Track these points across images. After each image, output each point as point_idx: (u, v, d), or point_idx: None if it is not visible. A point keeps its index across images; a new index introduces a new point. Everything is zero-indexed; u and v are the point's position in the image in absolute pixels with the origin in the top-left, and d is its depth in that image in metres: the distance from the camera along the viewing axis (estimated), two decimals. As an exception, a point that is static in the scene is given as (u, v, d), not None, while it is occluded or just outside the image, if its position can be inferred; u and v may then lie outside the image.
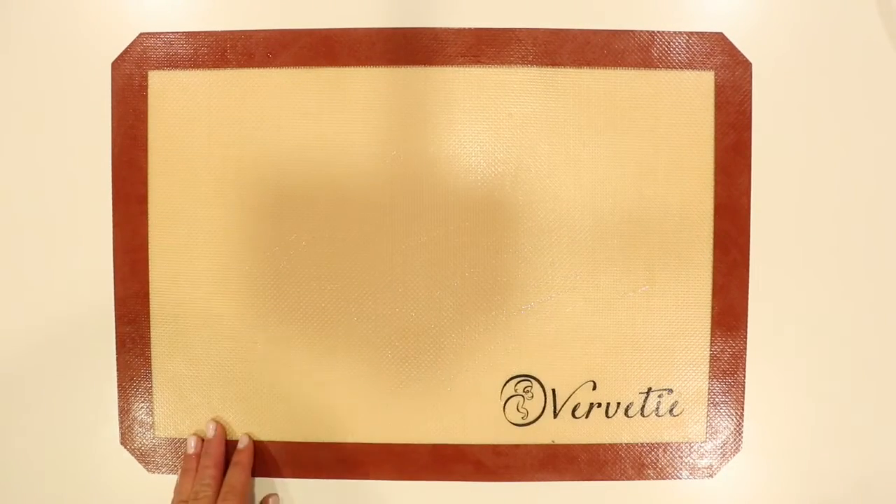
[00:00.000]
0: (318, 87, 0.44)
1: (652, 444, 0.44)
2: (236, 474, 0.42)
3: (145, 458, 0.45)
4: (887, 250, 0.44)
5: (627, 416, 0.44)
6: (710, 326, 0.43)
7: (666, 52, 0.43)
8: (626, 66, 0.43)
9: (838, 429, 0.44)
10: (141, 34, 0.44)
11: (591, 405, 0.44)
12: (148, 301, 0.44)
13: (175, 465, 0.44)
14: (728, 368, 0.44)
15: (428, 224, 0.44)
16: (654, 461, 0.44)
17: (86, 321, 0.44)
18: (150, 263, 0.44)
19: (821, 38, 0.44)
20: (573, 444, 0.44)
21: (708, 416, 0.44)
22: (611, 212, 0.43)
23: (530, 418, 0.44)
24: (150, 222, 0.44)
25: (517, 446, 0.44)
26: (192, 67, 0.44)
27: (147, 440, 0.45)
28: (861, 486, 0.44)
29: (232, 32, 0.44)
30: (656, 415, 0.44)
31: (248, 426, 0.44)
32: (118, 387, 0.44)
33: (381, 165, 0.44)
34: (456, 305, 0.44)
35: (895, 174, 0.44)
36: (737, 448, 0.44)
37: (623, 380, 0.44)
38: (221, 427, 0.44)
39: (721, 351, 0.44)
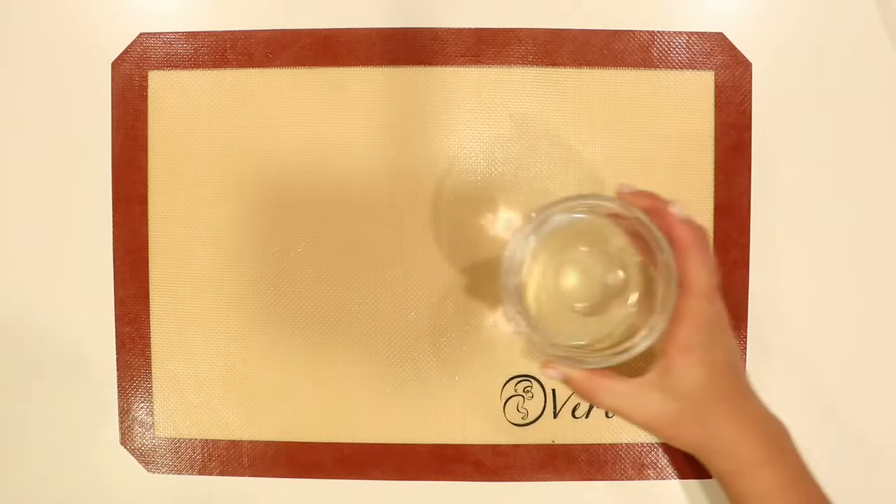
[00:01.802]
0: (318, 87, 0.44)
1: (652, 444, 0.44)
2: None
3: (145, 458, 0.45)
4: (888, 250, 0.44)
5: (627, 416, 0.44)
6: (710, 326, 0.43)
7: (666, 52, 0.43)
8: (626, 66, 0.43)
9: (838, 429, 0.44)
10: (141, 34, 0.44)
11: (592, 405, 0.44)
12: (148, 301, 0.44)
13: (175, 466, 0.44)
14: (728, 368, 0.44)
15: (428, 224, 0.44)
16: (654, 461, 0.44)
17: (86, 321, 0.44)
18: (150, 263, 0.44)
19: (821, 38, 0.44)
20: (573, 444, 0.44)
21: (708, 416, 0.44)
22: (611, 212, 0.43)
23: (530, 418, 0.44)
24: (150, 222, 0.44)
25: (517, 446, 0.44)
26: (192, 67, 0.44)
27: (147, 440, 0.45)
28: (862, 487, 0.44)
29: (232, 32, 0.44)
30: (656, 415, 0.44)
31: (248, 426, 0.44)
32: (118, 387, 0.44)
33: (381, 165, 0.44)
34: (456, 305, 0.44)
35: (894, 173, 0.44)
36: (737, 448, 0.44)
37: (623, 380, 0.44)
38: None
39: (721, 351, 0.43)
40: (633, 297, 0.38)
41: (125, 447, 0.45)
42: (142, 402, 0.44)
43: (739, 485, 0.37)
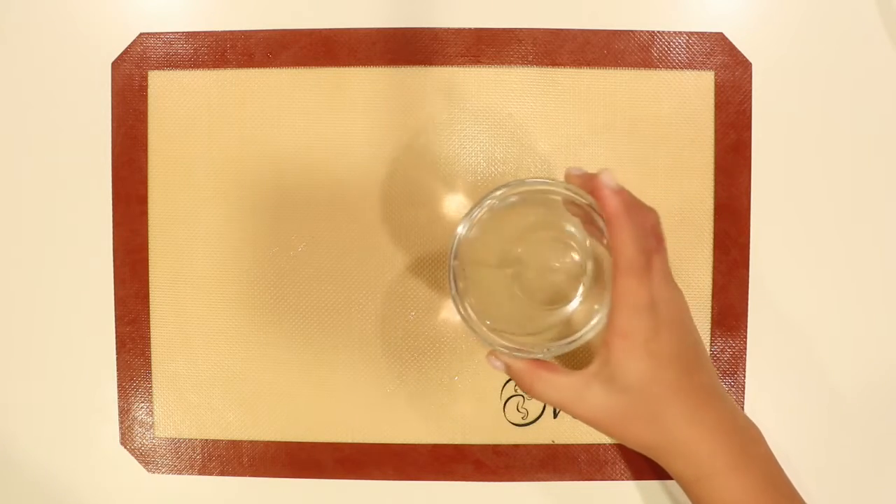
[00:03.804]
0: (318, 87, 0.44)
1: (652, 444, 0.44)
2: None
3: (145, 458, 0.45)
4: (889, 249, 0.44)
5: (627, 416, 0.44)
6: (710, 326, 0.43)
7: (666, 52, 0.43)
8: (626, 66, 0.43)
9: (838, 430, 0.44)
10: (141, 34, 0.44)
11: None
12: (148, 301, 0.44)
13: (175, 466, 0.44)
14: (728, 368, 0.44)
15: (428, 224, 0.44)
16: (655, 461, 0.44)
17: (86, 321, 0.44)
18: (150, 264, 0.44)
19: (821, 38, 0.44)
20: (573, 444, 0.44)
21: (708, 416, 0.44)
22: (611, 212, 0.43)
23: (530, 418, 0.44)
24: (150, 222, 0.44)
25: (517, 446, 0.44)
26: (192, 67, 0.44)
27: (147, 440, 0.45)
28: (861, 487, 0.44)
29: (232, 32, 0.44)
30: (656, 415, 0.44)
31: (248, 426, 0.44)
32: (118, 387, 0.44)
33: (380, 165, 0.44)
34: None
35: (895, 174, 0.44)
36: (737, 448, 0.44)
37: (623, 380, 0.44)
38: None
39: (721, 351, 0.43)
40: (584, 286, 0.36)
41: (125, 447, 0.45)
42: (142, 402, 0.44)
43: (700, 492, 0.34)
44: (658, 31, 0.43)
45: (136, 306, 0.44)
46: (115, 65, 0.44)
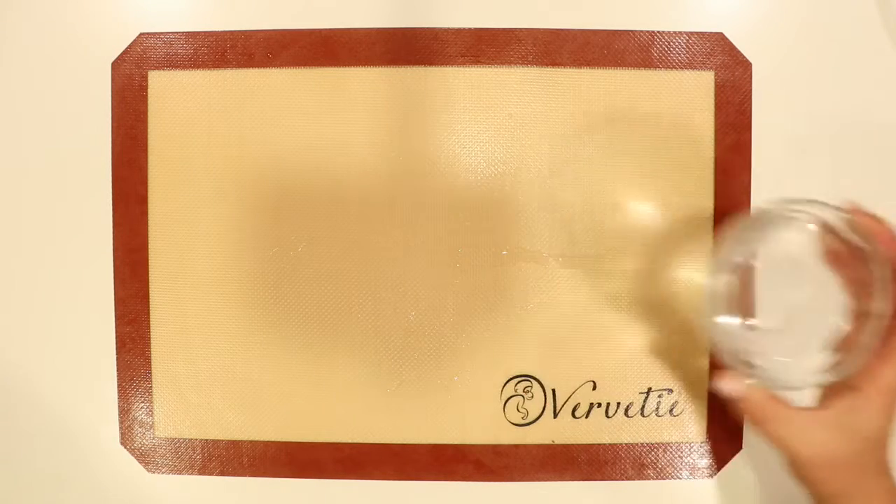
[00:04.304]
0: (318, 87, 0.44)
1: (652, 444, 0.44)
2: None
3: (145, 458, 0.45)
4: (887, 250, 0.44)
5: (627, 416, 0.44)
6: (710, 326, 0.43)
7: (666, 52, 0.43)
8: (626, 66, 0.43)
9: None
10: (141, 34, 0.44)
11: (591, 405, 0.44)
12: (148, 301, 0.44)
13: (175, 466, 0.44)
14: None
15: (428, 224, 0.44)
16: (654, 461, 0.44)
17: (86, 321, 0.44)
18: (150, 263, 0.44)
19: (821, 38, 0.44)
20: (573, 444, 0.44)
21: (708, 416, 0.44)
22: (611, 212, 0.43)
23: (530, 418, 0.44)
24: (150, 222, 0.44)
25: (517, 446, 0.44)
26: (192, 67, 0.44)
27: (147, 440, 0.45)
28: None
29: (232, 32, 0.44)
30: (656, 415, 0.44)
31: (248, 426, 0.44)
32: (118, 387, 0.44)
33: (381, 165, 0.44)
34: (456, 305, 0.44)
35: (895, 174, 0.44)
36: (737, 447, 0.44)
37: (623, 380, 0.44)
38: None
39: (721, 351, 0.44)
40: (825, 318, 0.35)
41: (125, 447, 0.45)
42: (142, 402, 0.44)
43: None
44: (658, 31, 0.43)
45: (136, 306, 0.44)
46: (115, 65, 0.44)
